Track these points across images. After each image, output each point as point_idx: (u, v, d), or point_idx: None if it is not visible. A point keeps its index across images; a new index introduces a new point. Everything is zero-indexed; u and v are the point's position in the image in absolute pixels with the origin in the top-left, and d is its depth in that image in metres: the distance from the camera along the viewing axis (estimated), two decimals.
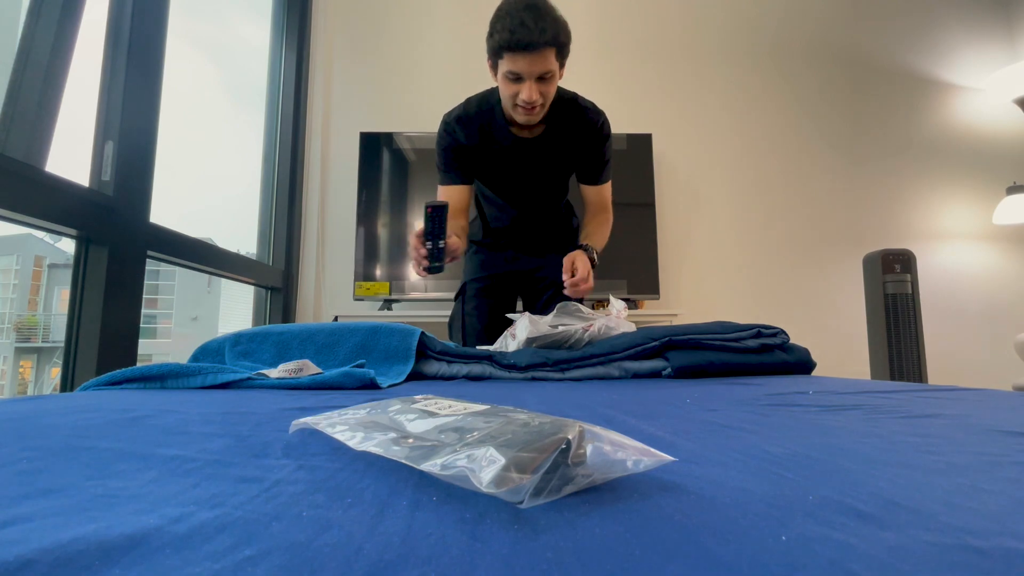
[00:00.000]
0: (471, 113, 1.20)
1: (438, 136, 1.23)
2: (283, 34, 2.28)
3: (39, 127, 1.06)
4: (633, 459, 0.22)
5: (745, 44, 2.52)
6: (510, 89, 1.08)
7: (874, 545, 0.16)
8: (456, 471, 0.20)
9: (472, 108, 1.20)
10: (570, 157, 1.26)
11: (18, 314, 3.18)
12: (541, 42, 1.01)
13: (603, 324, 0.96)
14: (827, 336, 2.31)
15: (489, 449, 0.21)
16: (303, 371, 0.69)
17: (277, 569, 0.15)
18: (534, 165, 1.24)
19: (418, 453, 0.23)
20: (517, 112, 1.11)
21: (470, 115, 1.20)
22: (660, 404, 0.50)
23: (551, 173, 1.28)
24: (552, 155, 1.23)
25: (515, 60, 1.03)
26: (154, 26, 1.36)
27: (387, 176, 2.23)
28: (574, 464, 0.21)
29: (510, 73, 1.05)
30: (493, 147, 1.21)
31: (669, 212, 2.38)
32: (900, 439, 0.32)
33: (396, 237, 2.18)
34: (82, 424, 0.36)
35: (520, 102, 1.08)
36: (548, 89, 1.09)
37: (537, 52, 1.02)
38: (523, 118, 1.12)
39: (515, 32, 1.00)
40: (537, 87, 1.06)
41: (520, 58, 1.03)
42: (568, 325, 0.95)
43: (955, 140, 2.51)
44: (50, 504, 0.20)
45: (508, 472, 0.19)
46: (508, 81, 1.07)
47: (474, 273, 1.41)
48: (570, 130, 1.20)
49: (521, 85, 1.06)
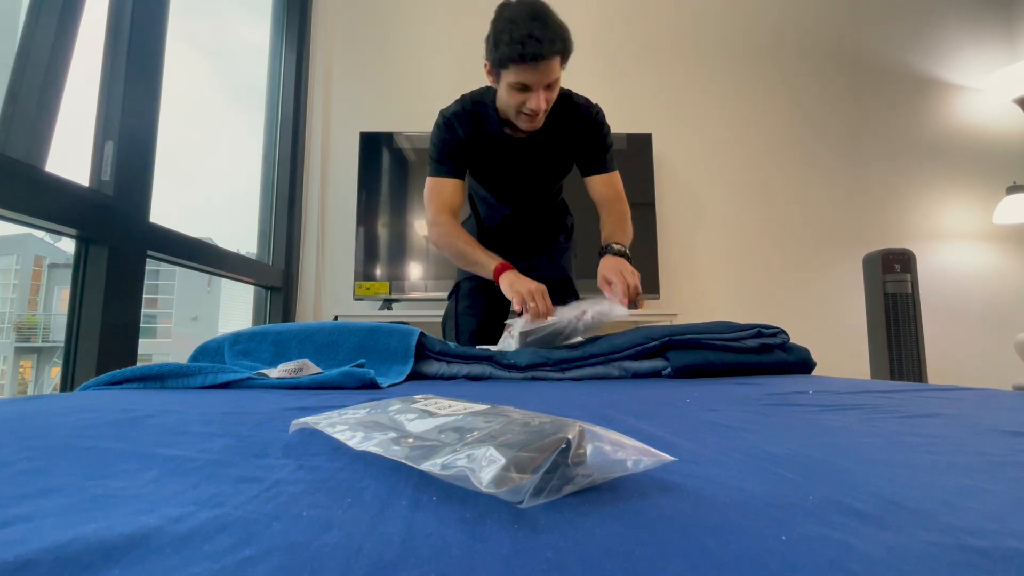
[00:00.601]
0: (467, 110, 1.20)
1: (435, 130, 1.22)
2: (283, 34, 2.28)
3: (39, 127, 1.06)
4: (633, 459, 0.22)
5: (745, 44, 2.52)
6: (516, 98, 1.07)
7: (874, 545, 0.16)
8: (456, 471, 0.20)
9: (468, 105, 1.20)
10: (567, 152, 1.25)
11: (18, 314, 3.19)
12: (551, 53, 1.01)
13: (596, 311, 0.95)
14: (827, 336, 2.31)
15: (489, 449, 0.21)
16: (303, 371, 0.69)
17: (277, 569, 0.15)
18: (528, 163, 1.24)
19: (418, 453, 0.23)
20: (521, 119, 1.11)
21: (467, 112, 1.20)
22: (660, 404, 0.50)
23: (545, 171, 1.28)
24: (547, 152, 1.23)
25: (524, 72, 1.03)
26: (154, 26, 1.36)
27: (387, 176, 2.23)
28: (574, 464, 0.21)
29: (517, 84, 1.05)
30: (488, 145, 1.21)
31: (669, 212, 2.38)
32: (900, 439, 0.32)
33: (396, 237, 2.18)
34: (82, 424, 0.36)
35: (528, 110, 1.08)
36: (553, 95, 1.09)
37: (546, 63, 1.02)
38: (527, 125, 1.12)
39: (525, 45, 0.99)
40: (544, 94, 1.06)
41: (529, 70, 1.02)
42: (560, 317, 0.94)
43: (955, 140, 2.51)
44: (50, 504, 0.20)
45: (508, 472, 0.19)
46: (514, 91, 1.06)
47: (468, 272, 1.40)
48: (565, 125, 1.20)
49: (528, 95, 1.06)
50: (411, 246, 2.18)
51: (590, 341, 0.92)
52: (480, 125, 1.19)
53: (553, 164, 1.27)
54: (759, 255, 2.40)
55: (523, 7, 1.02)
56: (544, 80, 1.04)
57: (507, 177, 1.28)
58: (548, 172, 1.29)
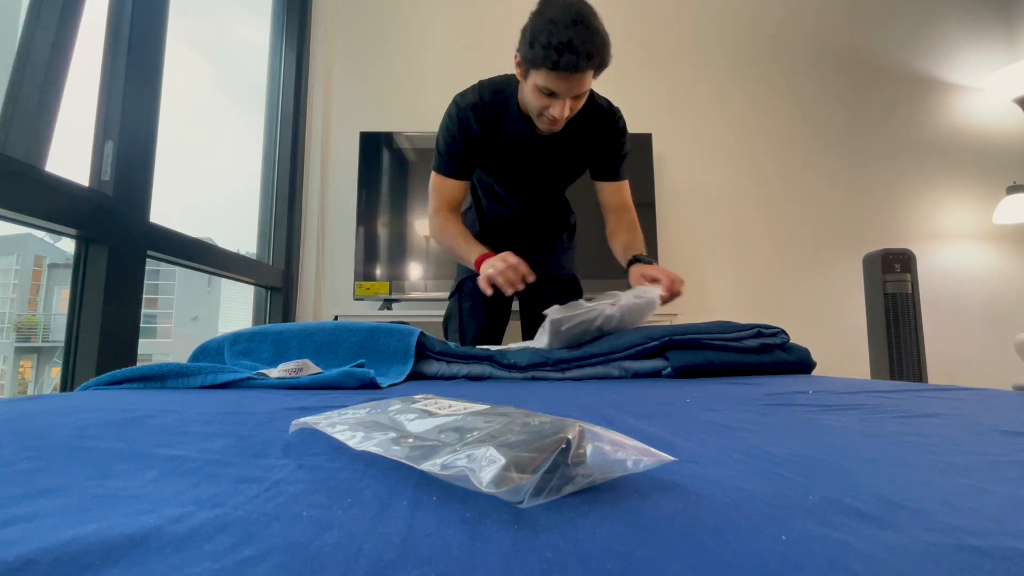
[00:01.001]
0: (486, 100, 1.12)
1: (447, 119, 1.14)
2: (283, 34, 2.28)
3: (39, 126, 1.06)
4: (633, 459, 0.22)
5: (745, 44, 2.52)
6: (540, 101, 1.01)
7: (874, 545, 0.16)
8: (456, 471, 0.20)
9: (487, 96, 1.12)
10: (585, 153, 1.21)
11: (18, 314, 3.19)
12: (586, 67, 0.94)
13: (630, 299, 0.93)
14: (827, 336, 2.31)
15: (489, 449, 0.21)
16: (303, 371, 0.69)
17: (277, 569, 0.15)
18: (547, 161, 1.19)
19: (418, 453, 0.23)
20: (541, 121, 1.06)
21: (485, 102, 1.12)
22: (660, 404, 0.50)
23: (563, 169, 1.24)
24: (567, 151, 1.18)
25: (554, 80, 0.96)
26: (154, 25, 1.36)
27: (387, 176, 2.22)
28: (574, 464, 0.21)
29: (545, 88, 0.98)
30: (506, 141, 1.15)
31: (669, 212, 2.38)
32: (900, 439, 0.32)
33: (396, 237, 2.18)
34: (82, 424, 0.36)
35: (550, 116, 1.02)
36: (579, 104, 1.03)
37: (580, 75, 0.95)
38: (547, 128, 1.07)
39: (562, 54, 0.91)
40: (570, 103, 1.00)
41: (561, 79, 0.95)
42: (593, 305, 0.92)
43: (955, 140, 2.51)
44: (50, 504, 0.20)
45: (508, 472, 0.19)
46: (540, 94, 1.00)
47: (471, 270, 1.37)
48: (586, 126, 1.15)
49: (554, 101, 1.00)
50: (411, 246, 2.18)
51: (590, 341, 0.92)
52: (498, 120, 1.13)
53: (570, 164, 1.23)
54: (759, 255, 2.40)
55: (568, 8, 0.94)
56: (573, 91, 0.98)
57: (522, 174, 1.23)
58: (565, 172, 1.25)
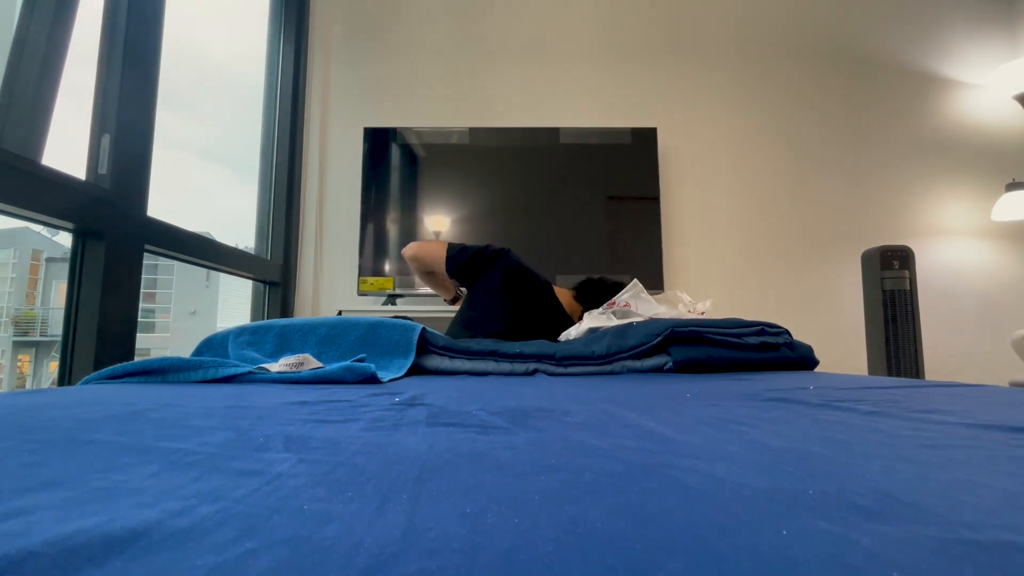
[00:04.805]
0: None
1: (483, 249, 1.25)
2: (281, 26, 2.26)
3: (35, 120, 1.05)
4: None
5: (750, 39, 2.51)
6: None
7: (874, 539, 0.16)
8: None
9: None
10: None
11: (16, 308, 3.18)
12: None
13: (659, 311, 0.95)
14: (824, 332, 2.31)
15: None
16: (304, 365, 0.69)
17: (278, 562, 0.15)
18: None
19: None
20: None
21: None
22: (660, 399, 0.50)
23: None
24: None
25: None
26: (150, 18, 1.35)
27: (392, 172, 2.22)
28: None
29: None
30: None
31: (674, 206, 2.37)
32: (899, 434, 0.33)
33: (400, 232, 2.18)
34: (84, 417, 0.36)
35: None
36: None
37: None
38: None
39: None
40: None
41: None
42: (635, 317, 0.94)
43: (955, 136, 2.51)
44: (52, 497, 0.20)
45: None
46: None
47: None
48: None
49: None
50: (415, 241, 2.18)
51: (594, 340, 0.92)
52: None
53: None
54: (758, 250, 2.40)
55: None
56: None
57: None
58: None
